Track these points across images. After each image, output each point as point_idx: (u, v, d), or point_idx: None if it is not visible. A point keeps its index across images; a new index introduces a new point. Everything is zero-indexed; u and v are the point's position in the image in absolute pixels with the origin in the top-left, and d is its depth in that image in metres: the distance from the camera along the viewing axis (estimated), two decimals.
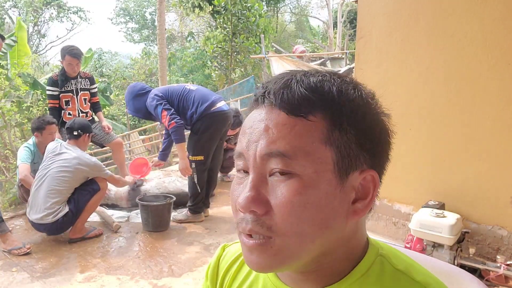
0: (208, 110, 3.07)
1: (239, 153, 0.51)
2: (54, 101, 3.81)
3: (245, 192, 0.48)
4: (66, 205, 2.89)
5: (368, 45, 2.68)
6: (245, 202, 0.47)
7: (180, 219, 3.31)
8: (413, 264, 0.55)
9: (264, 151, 0.47)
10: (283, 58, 10.32)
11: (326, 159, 0.47)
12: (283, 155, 0.46)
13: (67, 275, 2.46)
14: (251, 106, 0.54)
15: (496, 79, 2.15)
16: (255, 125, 0.50)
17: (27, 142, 3.56)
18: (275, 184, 0.48)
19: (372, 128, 0.51)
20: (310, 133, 0.47)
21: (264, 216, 0.47)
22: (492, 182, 2.24)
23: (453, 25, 2.26)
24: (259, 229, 0.48)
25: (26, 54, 6.90)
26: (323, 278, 0.53)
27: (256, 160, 0.48)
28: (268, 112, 0.49)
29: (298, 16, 26.90)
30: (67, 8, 21.10)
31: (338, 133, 0.48)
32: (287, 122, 0.47)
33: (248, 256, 0.50)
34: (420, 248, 2.20)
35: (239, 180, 0.52)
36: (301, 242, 0.48)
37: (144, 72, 16.95)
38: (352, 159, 0.49)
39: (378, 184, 0.52)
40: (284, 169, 0.47)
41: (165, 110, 2.98)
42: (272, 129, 0.48)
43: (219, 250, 0.73)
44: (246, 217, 0.49)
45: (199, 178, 3.20)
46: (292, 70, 0.54)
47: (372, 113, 0.51)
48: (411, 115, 2.50)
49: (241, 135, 0.52)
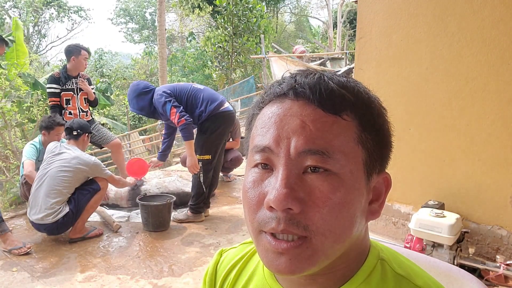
0: (218, 110, 3.09)
1: (263, 147, 0.48)
2: (55, 98, 3.80)
3: (278, 189, 0.44)
4: (66, 205, 2.89)
5: (368, 45, 2.69)
6: (281, 199, 0.44)
7: (180, 219, 3.31)
8: (413, 268, 0.55)
9: (302, 148, 0.45)
10: (283, 58, 10.33)
11: (358, 159, 0.48)
12: (323, 153, 0.45)
13: (68, 275, 2.47)
14: (269, 98, 0.51)
15: (496, 79, 2.16)
16: (285, 120, 0.47)
17: (34, 140, 3.56)
18: (311, 181, 0.46)
19: (388, 131, 0.52)
20: (346, 132, 0.47)
21: (299, 215, 0.45)
22: (491, 182, 2.24)
23: (453, 25, 2.27)
24: (295, 229, 0.45)
25: (24, 53, 6.89)
26: (329, 282, 0.52)
27: (290, 157, 0.46)
28: (302, 107, 0.47)
29: (298, 16, 26.90)
30: (67, 8, 21.11)
31: (367, 134, 0.48)
32: (325, 119, 0.46)
33: (274, 260, 0.46)
34: (419, 248, 2.20)
35: (258, 176, 0.49)
36: (336, 241, 0.46)
37: (145, 72, 16.96)
38: (375, 161, 0.50)
39: (390, 186, 0.53)
40: (322, 167, 0.45)
41: (174, 107, 2.98)
42: (310, 125, 0.46)
43: (216, 256, 0.71)
44: (276, 216, 0.45)
45: (205, 178, 3.21)
46: (309, 68, 0.54)
47: (386, 116, 0.52)
48: (411, 115, 2.50)
49: (262, 128, 0.49)
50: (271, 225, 0.45)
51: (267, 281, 0.58)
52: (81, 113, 3.90)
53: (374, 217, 0.51)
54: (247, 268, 0.65)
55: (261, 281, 0.60)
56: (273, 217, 0.45)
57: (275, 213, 0.45)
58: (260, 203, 0.47)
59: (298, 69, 0.54)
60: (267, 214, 0.46)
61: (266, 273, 0.60)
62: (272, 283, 0.57)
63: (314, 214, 0.45)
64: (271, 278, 0.58)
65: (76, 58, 3.80)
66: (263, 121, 0.49)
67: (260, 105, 0.52)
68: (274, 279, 0.57)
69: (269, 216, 0.46)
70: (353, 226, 0.48)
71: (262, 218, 0.47)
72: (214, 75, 15.73)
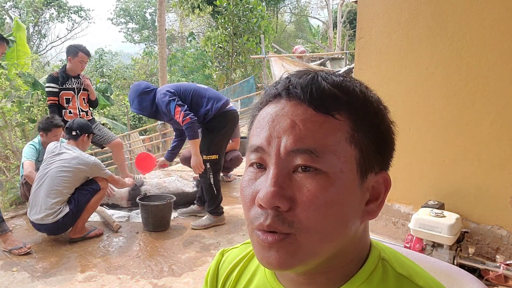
0: (224, 108, 3.07)
1: (256, 147, 0.49)
2: (53, 98, 3.78)
3: (267, 187, 0.46)
4: (66, 205, 2.89)
5: (368, 45, 2.69)
6: (269, 197, 0.45)
7: (204, 225, 3.20)
8: (415, 268, 0.55)
9: (291, 147, 0.46)
10: (283, 59, 10.33)
11: (350, 159, 0.47)
12: (311, 152, 0.45)
13: (68, 275, 2.47)
14: (266, 99, 0.52)
15: (496, 79, 2.16)
16: (277, 120, 0.48)
17: (33, 140, 3.56)
18: (300, 180, 0.46)
19: (387, 131, 0.52)
20: (336, 132, 0.47)
21: (286, 213, 0.46)
22: (491, 182, 2.24)
23: (453, 25, 2.27)
24: (280, 225, 0.46)
25: (26, 54, 6.90)
26: (329, 281, 0.52)
27: (280, 156, 0.47)
28: (294, 107, 0.48)
29: (298, 16, 26.91)
30: (67, 8, 21.13)
31: (361, 134, 0.48)
32: (316, 119, 0.46)
33: (264, 254, 0.48)
34: (419, 247, 2.20)
35: (253, 175, 0.50)
36: (322, 240, 0.47)
37: (145, 72, 16.97)
38: (371, 160, 0.49)
39: (390, 186, 0.52)
40: (311, 166, 0.46)
41: (179, 106, 2.94)
42: (299, 125, 0.46)
43: (217, 256, 0.71)
44: (265, 213, 0.47)
45: (215, 179, 3.14)
46: (308, 68, 0.54)
47: (387, 116, 0.52)
48: (411, 115, 2.50)
49: (257, 128, 0.50)
50: (258, 221, 0.47)
51: (268, 281, 0.58)
52: (81, 113, 3.90)
53: (371, 217, 0.51)
54: (249, 268, 0.65)
55: (263, 281, 0.60)
56: (262, 214, 0.47)
57: (265, 211, 0.46)
58: (253, 201, 0.48)
59: (297, 70, 0.54)
60: (258, 211, 0.47)
61: (267, 273, 0.60)
62: (274, 282, 0.57)
63: (301, 212, 0.45)
64: (273, 278, 0.58)
65: (72, 59, 3.79)
66: (259, 121, 0.50)
67: (259, 106, 0.53)
68: (276, 279, 0.57)
69: (259, 213, 0.47)
70: (344, 226, 0.48)
71: (253, 215, 0.48)
72: (214, 75, 15.74)
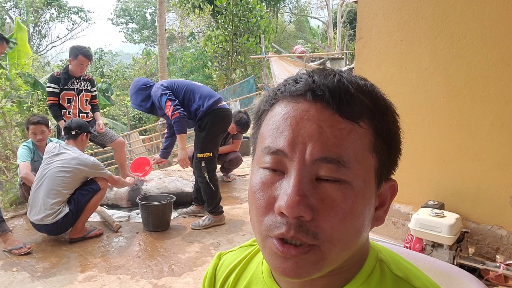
0: (215, 106, 3.09)
1: (276, 149, 0.46)
2: (53, 98, 3.78)
3: (290, 195, 0.43)
4: (66, 205, 2.89)
5: (368, 45, 2.69)
6: (294, 206, 0.42)
7: (204, 225, 3.20)
8: (411, 269, 0.54)
9: (318, 155, 0.43)
10: (283, 59, 10.34)
11: (371, 168, 0.46)
12: (338, 161, 0.43)
13: (68, 275, 2.47)
14: (281, 96, 0.48)
15: (495, 79, 2.16)
16: (302, 123, 0.45)
17: (26, 141, 3.57)
18: (324, 189, 0.44)
19: (400, 138, 0.51)
20: (361, 141, 0.45)
21: (309, 222, 0.43)
22: (491, 182, 2.24)
23: (453, 25, 2.27)
24: (304, 236, 0.44)
25: (26, 54, 6.90)
26: (330, 284, 0.52)
27: (304, 163, 0.44)
28: (320, 111, 0.45)
29: (298, 16, 26.91)
30: (67, 8, 21.13)
31: (381, 142, 0.47)
32: (343, 126, 0.44)
33: (280, 264, 0.46)
34: (419, 247, 2.20)
35: (268, 178, 0.47)
36: (342, 249, 0.46)
37: (145, 72, 16.97)
38: (386, 168, 0.49)
39: (396, 193, 0.52)
40: (337, 177, 0.44)
41: (170, 101, 2.99)
42: (327, 131, 0.44)
43: (214, 259, 0.71)
44: (286, 222, 0.44)
45: (211, 177, 3.16)
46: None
47: (399, 122, 0.51)
48: (411, 115, 2.50)
49: (274, 129, 0.47)
50: (281, 230, 0.44)
51: (266, 284, 0.58)
52: (80, 114, 3.90)
53: (379, 223, 0.51)
54: (247, 271, 0.64)
55: (261, 284, 0.59)
56: (283, 223, 0.44)
57: (285, 219, 0.44)
58: (269, 207, 0.46)
59: (315, 68, 0.52)
60: (277, 219, 0.45)
61: (265, 276, 0.59)
62: (272, 285, 0.57)
63: (325, 223, 0.44)
64: (271, 281, 0.57)
65: (72, 62, 3.80)
66: (276, 120, 0.47)
67: (271, 101, 0.50)
68: (274, 282, 0.57)
69: (279, 221, 0.44)
70: (361, 234, 0.47)
71: (271, 223, 0.45)
72: (214, 75, 15.73)
